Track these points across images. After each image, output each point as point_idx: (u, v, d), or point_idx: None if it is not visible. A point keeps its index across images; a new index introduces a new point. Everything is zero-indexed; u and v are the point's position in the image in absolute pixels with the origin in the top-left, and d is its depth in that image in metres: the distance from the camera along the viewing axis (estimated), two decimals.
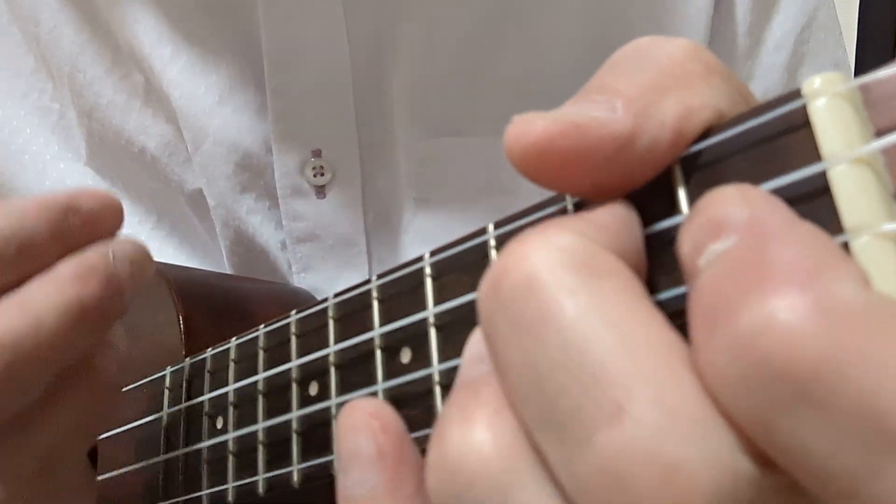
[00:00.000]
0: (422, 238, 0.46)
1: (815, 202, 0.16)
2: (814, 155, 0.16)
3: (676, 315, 0.16)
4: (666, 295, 0.18)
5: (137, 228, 0.49)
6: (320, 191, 0.45)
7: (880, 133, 0.16)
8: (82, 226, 0.28)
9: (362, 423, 0.19)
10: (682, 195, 0.18)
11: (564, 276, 0.16)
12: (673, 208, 0.18)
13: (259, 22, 0.43)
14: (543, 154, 0.17)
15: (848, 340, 0.13)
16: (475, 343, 0.18)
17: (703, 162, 0.18)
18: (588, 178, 0.17)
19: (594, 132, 0.17)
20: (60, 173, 0.49)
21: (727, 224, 0.15)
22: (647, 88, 0.18)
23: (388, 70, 0.44)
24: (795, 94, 0.17)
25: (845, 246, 0.15)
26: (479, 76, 0.45)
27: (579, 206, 0.20)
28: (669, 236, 0.18)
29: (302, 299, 0.45)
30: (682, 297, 0.17)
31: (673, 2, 0.46)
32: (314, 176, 0.45)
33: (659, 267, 0.18)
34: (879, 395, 0.12)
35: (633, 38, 0.20)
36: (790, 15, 0.47)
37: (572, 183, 0.18)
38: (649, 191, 0.18)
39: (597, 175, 0.17)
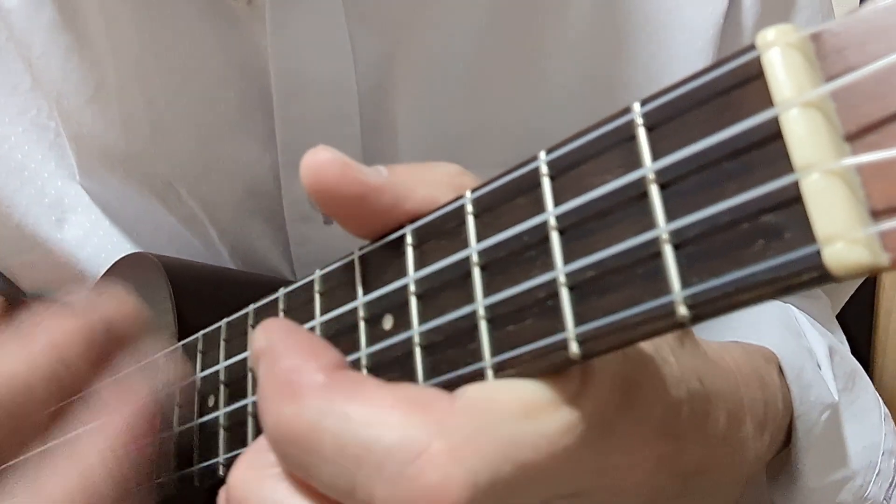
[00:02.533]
0: None
1: (767, 147, 0.17)
2: (767, 102, 0.17)
3: None
4: None
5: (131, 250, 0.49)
6: (327, 217, 0.45)
7: (831, 80, 0.17)
8: (117, 345, 0.30)
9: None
10: (645, 151, 0.19)
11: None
12: (636, 164, 0.19)
13: (266, 54, 0.42)
14: (320, 176, 0.23)
15: (320, 407, 0.21)
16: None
17: (664, 116, 0.19)
18: (349, 207, 0.24)
19: (353, 174, 0.24)
20: (58, 190, 0.49)
21: (257, 352, 0.24)
22: (415, 170, 0.25)
23: (393, 101, 0.44)
24: (750, 46, 0.17)
25: (796, 185, 0.16)
26: (479, 111, 0.45)
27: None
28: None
29: None
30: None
31: (672, 39, 0.45)
32: None
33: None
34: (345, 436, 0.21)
35: (633, 71, 0.21)
36: None
37: (340, 206, 0.24)
38: (612, 145, 0.19)
39: (353, 208, 0.24)
